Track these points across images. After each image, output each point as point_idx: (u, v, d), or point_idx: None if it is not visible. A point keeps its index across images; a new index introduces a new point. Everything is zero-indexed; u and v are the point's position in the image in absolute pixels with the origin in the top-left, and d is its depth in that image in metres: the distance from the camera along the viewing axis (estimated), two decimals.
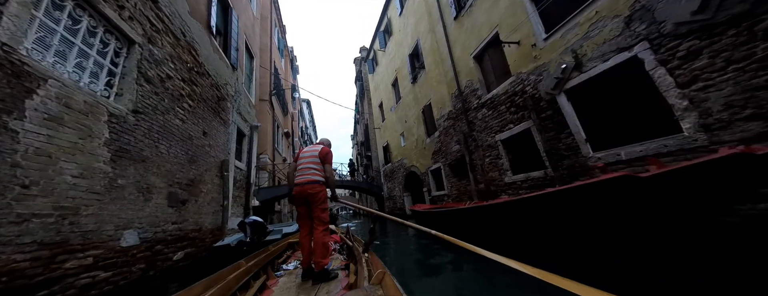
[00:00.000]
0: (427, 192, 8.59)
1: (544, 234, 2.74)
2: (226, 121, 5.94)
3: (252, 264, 2.13)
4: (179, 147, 3.92)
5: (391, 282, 1.41)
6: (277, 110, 12.54)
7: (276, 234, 5.19)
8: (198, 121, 4.60)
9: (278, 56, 13.94)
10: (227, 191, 5.48)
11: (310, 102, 31.96)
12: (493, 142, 5.35)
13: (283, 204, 14.41)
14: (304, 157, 2.25)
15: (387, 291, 1.40)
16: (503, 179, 5.06)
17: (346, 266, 2.28)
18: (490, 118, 5.40)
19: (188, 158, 4.16)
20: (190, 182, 4.16)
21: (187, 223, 4.02)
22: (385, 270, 1.60)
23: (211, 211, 4.89)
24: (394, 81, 11.77)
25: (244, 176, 7.25)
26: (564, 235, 2.52)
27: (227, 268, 1.93)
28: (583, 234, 2.31)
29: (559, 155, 3.79)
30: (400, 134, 11.21)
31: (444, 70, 7.18)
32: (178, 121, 3.94)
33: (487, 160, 5.56)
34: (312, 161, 2.19)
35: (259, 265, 2.22)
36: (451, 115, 6.95)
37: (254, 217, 4.93)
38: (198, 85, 4.65)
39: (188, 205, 4.06)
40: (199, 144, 4.59)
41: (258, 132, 8.51)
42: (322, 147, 2.29)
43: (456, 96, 6.69)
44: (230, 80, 6.35)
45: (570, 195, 2.08)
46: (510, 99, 4.75)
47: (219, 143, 5.48)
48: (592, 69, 3.25)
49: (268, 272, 2.27)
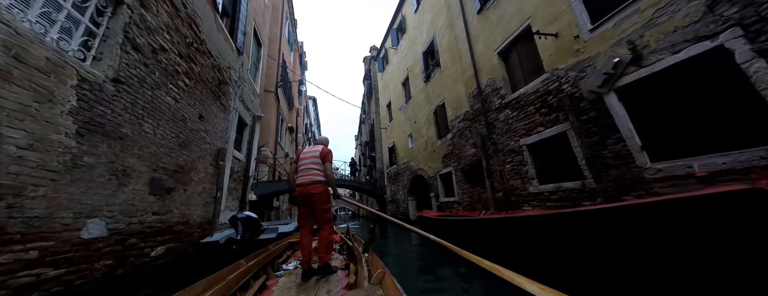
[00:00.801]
0: (435, 198, 8.05)
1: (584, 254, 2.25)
2: (226, 107, 5.52)
3: (252, 264, 2.09)
4: (169, 128, 3.48)
5: (391, 282, 1.40)
6: (283, 104, 12.16)
7: (271, 233, 4.67)
8: (194, 102, 4.17)
9: (287, 49, 13.63)
10: (222, 182, 5.03)
11: (316, 100, 31.79)
12: (516, 146, 4.83)
13: (282, 201, 13.94)
14: (305, 158, 2.26)
15: (387, 291, 1.38)
16: (527, 189, 4.53)
17: (346, 266, 2.24)
18: (514, 120, 4.89)
19: (179, 141, 3.72)
20: (178, 168, 3.71)
21: (172, 214, 3.55)
22: (385, 270, 1.59)
23: (201, 203, 4.43)
24: (405, 80, 11.34)
25: (242, 168, 6.80)
26: (612, 255, 2.05)
27: (227, 268, 1.88)
28: (644, 253, 1.85)
29: (604, 165, 3.26)
30: (408, 135, 10.73)
31: (462, 68, 6.72)
32: (170, 99, 3.51)
33: (508, 166, 5.04)
34: (313, 161, 2.20)
35: (259, 265, 2.18)
36: (467, 116, 6.46)
37: (248, 212, 4.43)
38: (197, 63, 4.23)
39: (174, 194, 3.60)
40: (194, 128, 4.15)
41: (260, 123, 8.11)
42: (322, 147, 2.31)
43: (474, 96, 6.20)
44: (234, 64, 5.95)
45: (670, 208, 1.60)
46: (541, 99, 4.25)
47: (217, 130, 5.05)
48: (657, 63, 2.74)
49: (268, 272, 2.24)
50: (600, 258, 2.22)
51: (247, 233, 4.09)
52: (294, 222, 6.21)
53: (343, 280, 1.88)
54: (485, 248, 3.88)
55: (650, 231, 1.81)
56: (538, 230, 2.73)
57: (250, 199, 7.28)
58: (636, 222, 1.85)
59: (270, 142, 9.71)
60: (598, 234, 2.11)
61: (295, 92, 15.96)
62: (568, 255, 2.51)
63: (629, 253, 2.00)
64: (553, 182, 4.04)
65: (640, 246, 1.92)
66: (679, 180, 2.60)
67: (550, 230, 2.57)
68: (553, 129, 3.99)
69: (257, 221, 4.30)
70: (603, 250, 2.17)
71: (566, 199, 3.77)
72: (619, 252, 2.06)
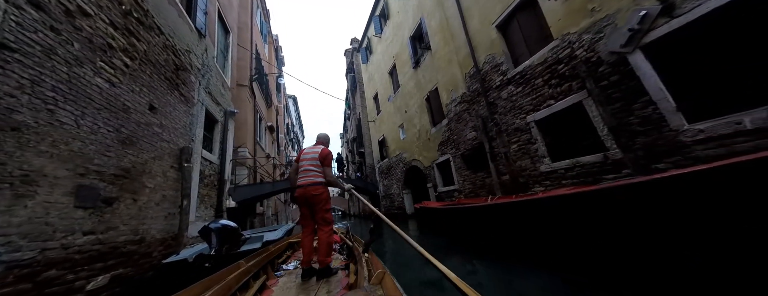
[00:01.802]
0: (433, 188, 7.63)
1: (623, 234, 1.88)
2: (188, 98, 4.63)
3: (252, 264, 2.08)
4: (102, 119, 2.65)
5: (391, 282, 1.41)
6: (260, 101, 11.13)
7: (255, 242, 3.90)
8: (141, 89, 3.32)
9: (261, 41, 12.50)
10: (188, 187, 4.19)
11: (296, 99, 30.40)
12: (522, 124, 4.46)
13: (267, 206, 12.92)
14: (305, 159, 2.26)
15: (387, 291, 1.39)
16: (537, 168, 4.17)
17: (346, 266, 2.25)
18: (519, 96, 4.51)
19: (120, 137, 2.88)
20: (123, 172, 2.88)
21: (117, 232, 2.74)
22: (385, 270, 1.59)
23: (162, 214, 3.61)
24: (391, 68, 10.76)
25: (215, 170, 5.91)
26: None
27: (227, 268, 1.88)
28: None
29: (631, 132, 2.92)
30: (398, 125, 10.20)
31: (455, 48, 6.26)
32: (100, 81, 2.67)
33: (514, 147, 4.66)
34: (313, 163, 2.22)
35: (259, 265, 2.17)
36: (464, 98, 6.03)
37: (224, 221, 3.64)
38: (141, 40, 3.36)
39: (118, 206, 2.78)
40: (143, 121, 3.31)
41: (235, 120, 7.18)
42: (322, 148, 2.31)
43: (471, 76, 5.78)
44: (195, 48, 5.03)
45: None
46: (550, 69, 3.87)
47: (177, 126, 4.18)
48: (693, 11, 2.39)
49: (268, 272, 2.24)
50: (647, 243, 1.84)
51: (224, 246, 3.33)
52: (283, 227, 5.48)
53: (343, 280, 1.87)
54: (498, 236, 3.46)
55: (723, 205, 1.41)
56: (564, 212, 2.33)
57: (229, 206, 6.40)
58: (701, 192, 1.45)
59: (248, 142, 8.75)
60: (644, 213, 1.72)
61: (273, 89, 14.83)
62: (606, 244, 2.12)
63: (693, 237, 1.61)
64: (568, 159, 3.69)
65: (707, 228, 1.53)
66: (725, 139, 2.28)
67: (580, 211, 2.17)
68: (566, 100, 3.62)
69: (236, 230, 3.54)
70: (652, 235, 1.78)
71: (585, 175, 3.43)
72: (678, 236, 1.67)
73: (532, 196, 3.69)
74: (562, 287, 2.16)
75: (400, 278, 1.50)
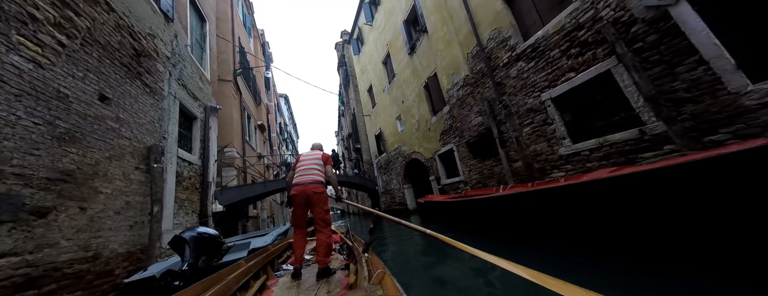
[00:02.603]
0: (436, 181, 7.17)
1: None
2: (155, 90, 4.03)
3: (252, 264, 2.05)
4: (23, 109, 2.08)
5: (391, 281, 1.41)
6: (247, 98, 10.49)
7: (239, 251, 3.33)
8: (86, 75, 2.73)
9: (245, 34, 11.78)
10: (160, 191, 3.63)
11: (288, 98, 29.64)
12: (536, 104, 3.99)
13: (262, 208, 12.34)
14: (305, 160, 2.29)
15: (387, 291, 1.37)
16: (556, 152, 3.72)
17: (346, 266, 2.23)
18: (531, 72, 4.03)
19: (55, 132, 2.31)
20: (61, 175, 2.32)
21: (56, 250, 2.20)
22: (385, 270, 1.57)
23: (125, 224, 3.06)
24: (385, 57, 10.18)
25: (197, 172, 5.33)
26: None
27: (227, 268, 1.85)
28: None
29: (675, 100, 2.47)
30: (396, 117, 9.69)
31: (455, 27, 5.73)
32: (18, 59, 2.09)
33: (527, 129, 4.20)
34: (315, 163, 2.25)
35: (258, 265, 2.14)
36: (467, 80, 5.54)
37: (202, 229, 3.05)
38: (81, 14, 2.75)
39: (55, 217, 2.23)
40: (90, 114, 2.73)
41: (218, 118, 6.57)
42: (323, 153, 2.39)
43: (474, 55, 5.27)
44: (162, 34, 4.41)
45: None
46: (568, 37, 3.39)
47: (142, 120, 3.60)
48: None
49: (267, 272, 2.23)
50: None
51: (201, 258, 2.79)
52: (275, 231, 4.94)
53: (343, 280, 1.87)
54: (516, 230, 3.02)
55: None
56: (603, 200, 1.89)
57: (216, 210, 5.85)
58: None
59: (236, 141, 8.15)
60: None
61: (262, 86, 14.13)
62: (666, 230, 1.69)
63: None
64: (593, 138, 3.24)
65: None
66: None
67: (634, 195, 1.72)
68: (590, 71, 3.15)
69: (215, 239, 2.96)
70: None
71: (615, 155, 2.98)
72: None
73: (559, 182, 3.25)
74: (609, 273, 1.81)
75: (401, 278, 1.48)
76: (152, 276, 2.63)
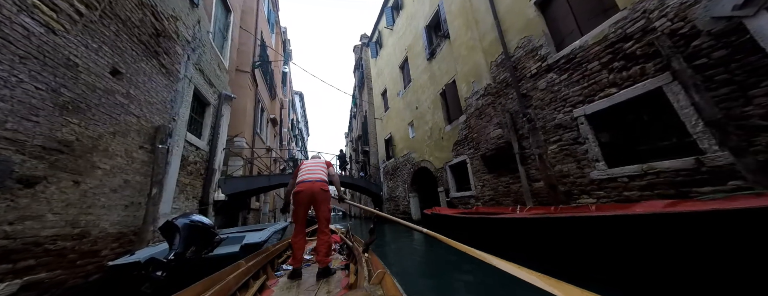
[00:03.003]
0: (444, 192, 6.82)
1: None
2: (171, 71, 3.99)
3: (252, 264, 2.04)
4: (26, 72, 1.99)
5: (391, 281, 1.41)
6: (263, 90, 10.58)
7: (232, 245, 3.12)
8: (101, 47, 2.67)
9: (267, 30, 12.01)
10: (161, 173, 3.52)
11: (303, 95, 30.10)
12: (566, 120, 3.66)
13: (264, 201, 12.26)
14: (309, 164, 2.38)
15: (387, 291, 1.39)
16: (587, 175, 3.36)
17: (346, 266, 2.24)
18: (563, 85, 3.72)
19: (58, 100, 2.22)
20: (59, 145, 2.21)
21: (39, 223, 2.07)
22: (385, 270, 1.59)
23: (121, 203, 2.94)
24: (403, 62, 10.06)
25: (203, 158, 5.26)
26: None
27: (227, 268, 1.82)
28: None
29: (748, 128, 2.11)
30: (408, 123, 9.46)
31: (480, 33, 5.52)
32: (29, 21, 2.02)
33: (554, 147, 3.86)
34: (320, 166, 2.35)
35: (258, 265, 2.14)
36: (489, 90, 5.26)
37: (196, 217, 2.87)
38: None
39: (44, 188, 2.11)
40: (100, 86, 2.65)
41: (231, 107, 6.56)
42: (325, 160, 2.53)
43: (499, 64, 5.01)
44: (185, 17, 4.42)
45: None
46: (611, 49, 3.09)
47: (153, 100, 3.54)
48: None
49: (267, 272, 2.22)
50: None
51: (190, 248, 2.60)
52: (272, 227, 4.74)
53: (343, 280, 1.86)
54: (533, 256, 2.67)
55: None
56: (657, 237, 1.57)
57: (217, 198, 5.74)
58: None
59: (246, 132, 8.14)
60: None
61: (278, 81, 14.33)
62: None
63: None
64: (634, 164, 2.88)
65: None
66: None
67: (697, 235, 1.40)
68: (637, 87, 2.82)
69: (208, 229, 2.77)
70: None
71: (662, 185, 2.61)
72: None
73: (590, 209, 2.90)
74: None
75: (401, 278, 1.49)
76: (138, 261, 2.47)
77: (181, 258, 2.33)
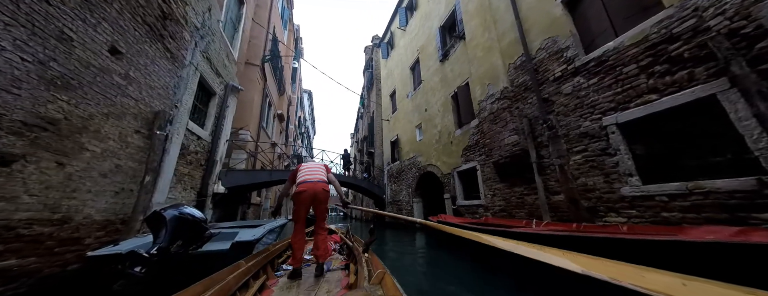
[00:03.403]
0: (451, 200, 6.50)
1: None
2: (176, 57, 3.86)
3: (252, 264, 2.03)
4: (9, 39, 1.83)
5: (391, 282, 1.41)
6: (272, 85, 10.53)
7: (222, 242, 2.88)
8: (100, 23, 2.53)
9: (280, 25, 12.02)
10: (157, 160, 3.36)
11: (312, 94, 30.28)
12: (594, 128, 3.34)
13: (266, 197, 12.12)
14: (308, 166, 2.41)
15: (387, 291, 1.39)
16: (616, 190, 3.02)
17: (346, 266, 2.25)
18: (591, 90, 3.41)
19: (47, 74, 2.06)
20: (42, 122, 2.05)
21: (12, 205, 1.89)
22: (385, 270, 1.59)
23: (110, 190, 2.77)
24: (414, 63, 9.85)
25: (204, 148, 5.11)
26: None
27: (227, 268, 1.80)
28: None
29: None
30: (415, 125, 9.20)
31: (499, 34, 5.25)
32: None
33: (577, 157, 3.54)
34: (320, 168, 2.39)
35: (258, 265, 2.13)
36: (506, 93, 4.97)
37: (187, 209, 2.64)
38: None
39: (22, 168, 1.93)
40: (95, 64, 2.50)
41: (238, 98, 6.45)
42: (324, 164, 2.53)
43: (518, 66, 4.73)
44: (195, 3, 4.31)
45: None
46: (652, 51, 2.78)
47: (154, 84, 3.39)
48: None
49: (267, 272, 2.21)
50: None
51: (177, 242, 2.38)
52: (270, 224, 4.50)
53: (343, 280, 1.87)
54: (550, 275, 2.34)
55: None
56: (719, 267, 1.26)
57: (217, 191, 5.58)
58: None
59: (252, 125, 8.03)
60: None
61: (288, 78, 14.32)
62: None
63: None
64: (675, 181, 2.54)
65: None
66: None
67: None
68: (683, 94, 2.50)
69: (199, 223, 2.55)
70: None
71: (711, 208, 2.27)
72: None
73: (621, 229, 2.57)
74: None
75: (401, 278, 1.50)
76: (120, 253, 2.27)
77: (164, 252, 2.11)
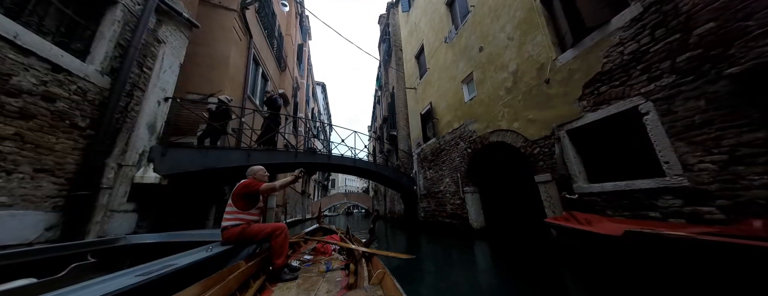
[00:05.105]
0: (556, 183, 3.52)
1: None
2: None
3: (251, 264, 1.95)
4: None
5: (391, 282, 1.43)
6: (263, 48, 8.14)
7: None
8: None
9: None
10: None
11: (325, 87, 28.38)
12: None
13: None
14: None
15: (387, 291, 1.41)
16: None
17: (346, 266, 2.22)
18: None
19: None
20: None
21: None
22: (385, 270, 1.62)
23: None
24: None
25: (84, 95, 2.66)
26: None
27: (227, 269, 1.73)
28: None
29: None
30: (461, 80, 6.23)
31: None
32: None
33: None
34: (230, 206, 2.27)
35: (258, 265, 2.06)
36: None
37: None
38: None
39: None
40: None
41: (188, 37, 4.00)
42: (240, 183, 2.35)
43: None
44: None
45: None
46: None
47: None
48: None
49: (267, 272, 2.16)
50: None
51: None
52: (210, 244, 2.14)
53: (343, 280, 1.87)
54: None
55: None
56: None
57: (144, 181, 3.19)
58: None
59: (231, 92, 5.63)
60: None
61: (290, 53, 11.90)
62: None
63: None
64: None
65: None
66: None
67: None
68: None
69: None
70: None
71: None
72: None
73: None
74: None
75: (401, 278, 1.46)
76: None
77: None
